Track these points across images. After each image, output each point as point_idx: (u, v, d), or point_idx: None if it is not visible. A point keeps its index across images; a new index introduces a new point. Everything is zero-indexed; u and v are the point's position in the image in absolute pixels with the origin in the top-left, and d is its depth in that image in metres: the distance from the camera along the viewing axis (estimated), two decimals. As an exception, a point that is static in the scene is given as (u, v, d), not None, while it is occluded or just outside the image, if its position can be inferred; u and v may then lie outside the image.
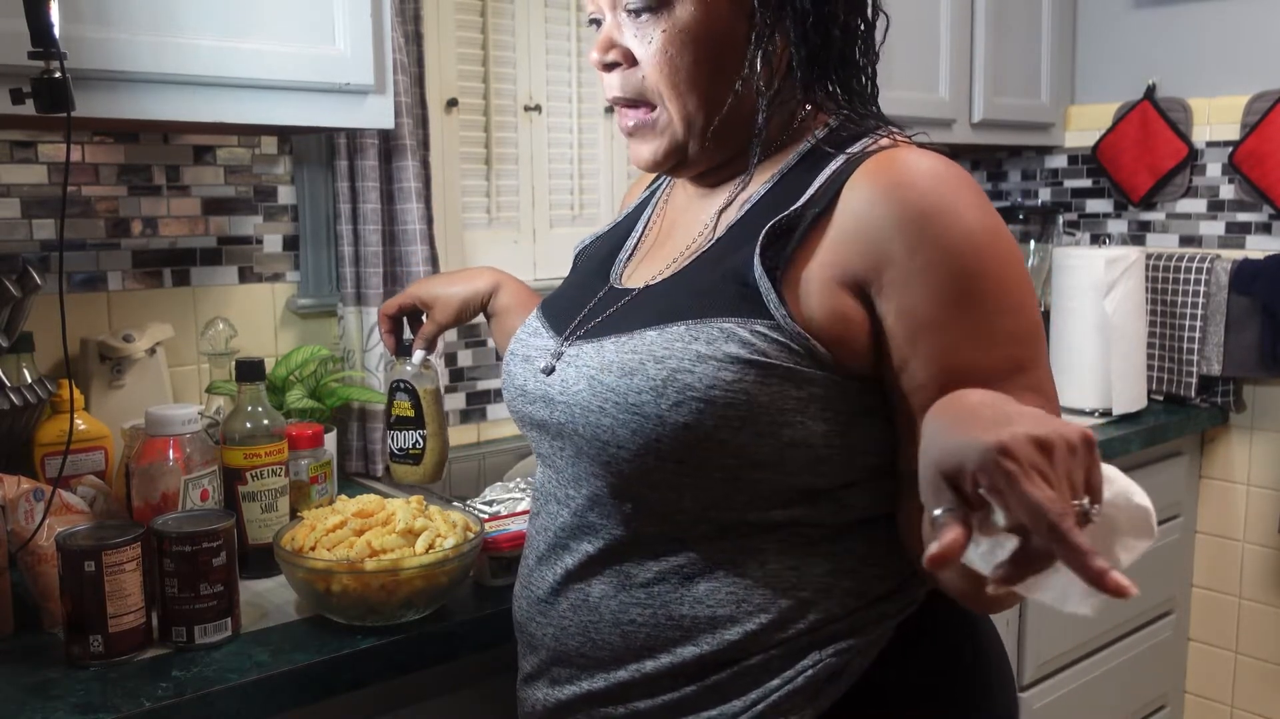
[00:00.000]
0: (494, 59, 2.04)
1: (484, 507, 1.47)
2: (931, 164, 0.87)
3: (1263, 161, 2.27)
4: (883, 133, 0.93)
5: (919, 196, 0.85)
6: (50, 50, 1.06)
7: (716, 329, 0.87)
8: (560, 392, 0.95)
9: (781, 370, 0.85)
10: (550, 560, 0.98)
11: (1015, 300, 0.86)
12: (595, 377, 0.91)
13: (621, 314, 0.96)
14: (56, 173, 1.54)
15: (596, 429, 0.90)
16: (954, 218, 0.84)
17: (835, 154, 0.91)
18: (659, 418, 0.86)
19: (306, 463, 1.39)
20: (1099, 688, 2.19)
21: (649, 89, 0.94)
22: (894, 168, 0.87)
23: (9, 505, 1.17)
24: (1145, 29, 2.48)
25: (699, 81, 0.92)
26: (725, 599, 0.90)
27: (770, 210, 0.91)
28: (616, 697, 0.94)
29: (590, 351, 0.94)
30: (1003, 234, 0.87)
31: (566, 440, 0.95)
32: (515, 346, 1.05)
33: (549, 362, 0.98)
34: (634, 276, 1.03)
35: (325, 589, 1.13)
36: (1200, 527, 2.46)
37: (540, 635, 0.99)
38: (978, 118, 2.35)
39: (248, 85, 1.34)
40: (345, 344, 1.78)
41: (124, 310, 1.62)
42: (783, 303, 0.86)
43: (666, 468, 0.88)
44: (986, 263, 0.85)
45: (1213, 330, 2.31)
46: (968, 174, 0.89)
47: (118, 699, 1.00)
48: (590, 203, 2.21)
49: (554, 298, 1.08)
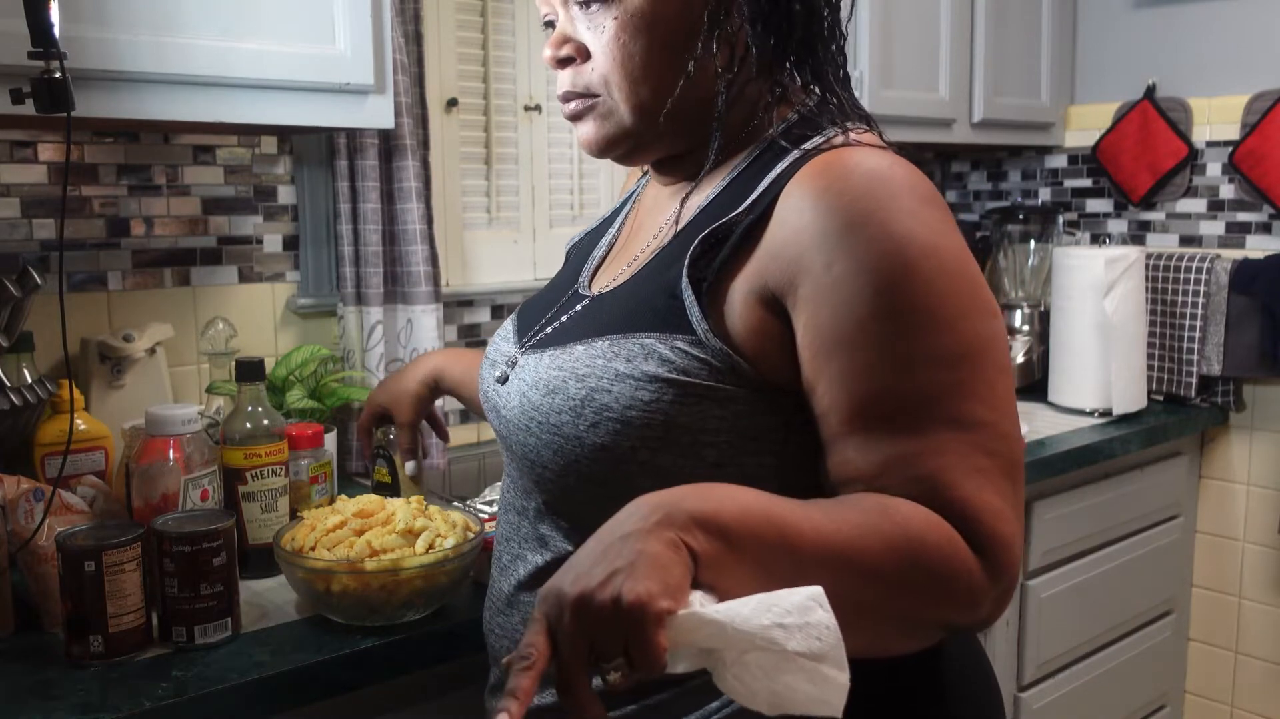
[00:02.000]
0: (494, 59, 2.04)
1: (484, 507, 1.47)
2: (872, 166, 0.81)
3: (1263, 161, 2.27)
4: (839, 129, 0.87)
5: (847, 203, 0.79)
6: (50, 50, 1.06)
7: (637, 345, 0.84)
8: (504, 405, 0.94)
9: (701, 389, 0.82)
10: (508, 571, 0.97)
11: (943, 317, 0.77)
12: (525, 393, 0.90)
13: (568, 324, 0.95)
14: (56, 173, 1.54)
15: (524, 448, 0.90)
16: (880, 226, 0.78)
17: (788, 151, 0.86)
18: (577, 438, 0.84)
19: (306, 463, 1.39)
20: (1099, 688, 2.19)
21: (598, 81, 0.91)
22: (829, 171, 0.81)
23: (9, 505, 1.17)
24: (1145, 29, 2.48)
25: (653, 67, 0.88)
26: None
27: (718, 213, 0.87)
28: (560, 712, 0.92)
29: (530, 365, 0.92)
30: (941, 244, 0.79)
31: (511, 453, 0.95)
32: (488, 350, 1.04)
33: (504, 370, 0.97)
34: (598, 280, 1.00)
35: (325, 589, 1.13)
36: (1200, 526, 2.46)
37: (498, 646, 0.98)
38: (978, 118, 2.35)
39: (248, 85, 1.34)
40: (345, 344, 1.78)
41: (124, 310, 1.62)
42: (706, 317, 0.83)
43: (590, 488, 0.85)
44: (910, 275, 0.77)
45: (1213, 330, 2.31)
46: (917, 178, 0.83)
47: (118, 699, 1.00)
48: (590, 203, 2.21)
49: (532, 299, 1.07)
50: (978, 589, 0.76)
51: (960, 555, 0.75)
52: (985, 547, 0.76)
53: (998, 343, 0.81)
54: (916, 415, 0.77)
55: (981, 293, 0.81)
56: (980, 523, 0.76)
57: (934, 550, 0.74)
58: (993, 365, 0.79)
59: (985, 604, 0.77)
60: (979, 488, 0.77)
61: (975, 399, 0.78)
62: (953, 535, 0.75)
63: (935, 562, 0.74)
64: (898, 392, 0.77)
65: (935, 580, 0.75)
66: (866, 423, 0.78)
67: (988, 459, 0.77)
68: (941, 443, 0.77)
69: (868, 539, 0.73)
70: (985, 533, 0.76)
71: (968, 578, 0.75)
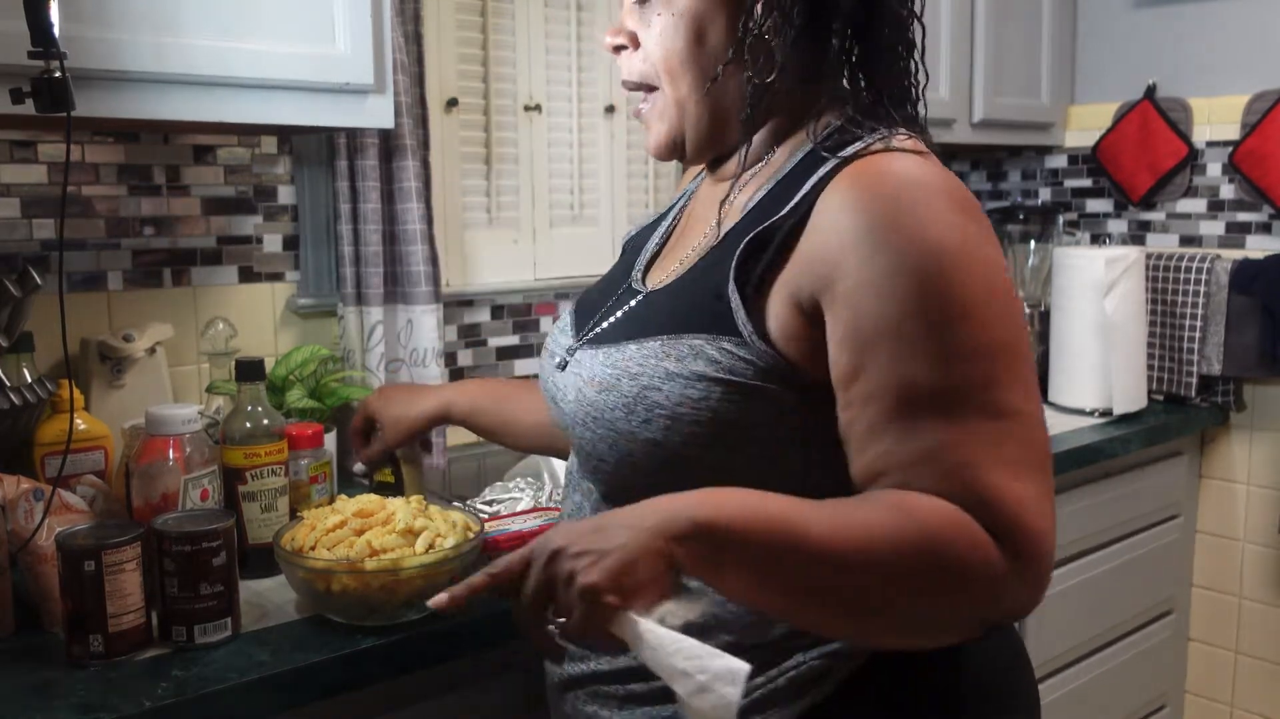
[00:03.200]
0: (494, 59, 2.04)
1: (484, 507, 1.47)
2: (908, 171, 0.84)
3: (1263, 161, 2.27)
4: (881, 134, 0.89)
5: (880, 206, 0.82)
6: (50, 50, 1.06)
7: (686, 346, 0.88)
8: (562, 397, 0.99)
9: (748, 388, 0.85)
10: None
11: (977, 313, 0.81)
12: (581, 389, 0.94)
13: (622, 320, 0.99)
14: (56, 173, 1.54)
15: (581, 441, 0.94)
16: (916, 227, 0.81)
17: (829, 158, 0.88)
18: (630, 434, 0.88)
19: (306, 463, 1.39)
20: (1099, 688, 2.19)
21: (649, 73, 0.97)
22: (864, 177, 0.84)
23: (9, 505, 1.17)
24: (1145, 29, 2.48)
25: (690, 64, 0.94)
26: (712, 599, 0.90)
27: (761, 217, 0.90)
28: (618, 678, 0.97)
29: (586, 361, 0.96)
30: (974, 245, 0.82)
31: (574, 440, 0.98)
32: (547, 342, 1.09)
33: (563, 358, 1.01)
34: (651, 276, 1.05)
35: (325, 589, 1.13)
36: (1200, 526, 2.46)
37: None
38: (978, 118, 2.35)
39: (248, 85, 1.34)
40: (345, 344, 1.78)
41: (124, 310, 1.62)
42: (750, 319, 0.86)
43: (645, 481, 0.88)
44: (946, 274, 0.80)
45: (1213, 330, 2.31)
46: (953, 182, 0.86)
47: (118, 699, 1.00)
48: (590, 203, 2.22)
49: (588, 292, 1.11)
50: (1000, 582, 0.78)
51: (980, 550, 0.77)
52: (1011, 536, 0.78)
53: (1025, 337, 0.84)
54: (953, 406, 0.80)
55: (1010, 290, 0.84)
56: (1006, 512, 0.78)
57: (950, 547, 0.77)
58: (1023, 358, 0.83)
59: (1009, 596, 0.79)
60: (1012, 477, 0.79)
61: (1008, 390, 0.81)
62: (973, 530, 0.77)
63: (951, 558, 0.77)
64: (935, 384, 0.80)
65: (952, 577, 0.77)
66: (906, 414, 0.80)
67: (1019, 449, 0.80)
68: (976, 432, 0.80)
69: (880, 540, 0.77)
70: (1011, 522, 0.78)
71: (987, 571, 0.77)
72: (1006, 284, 0.84)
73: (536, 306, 2.11)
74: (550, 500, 1.48)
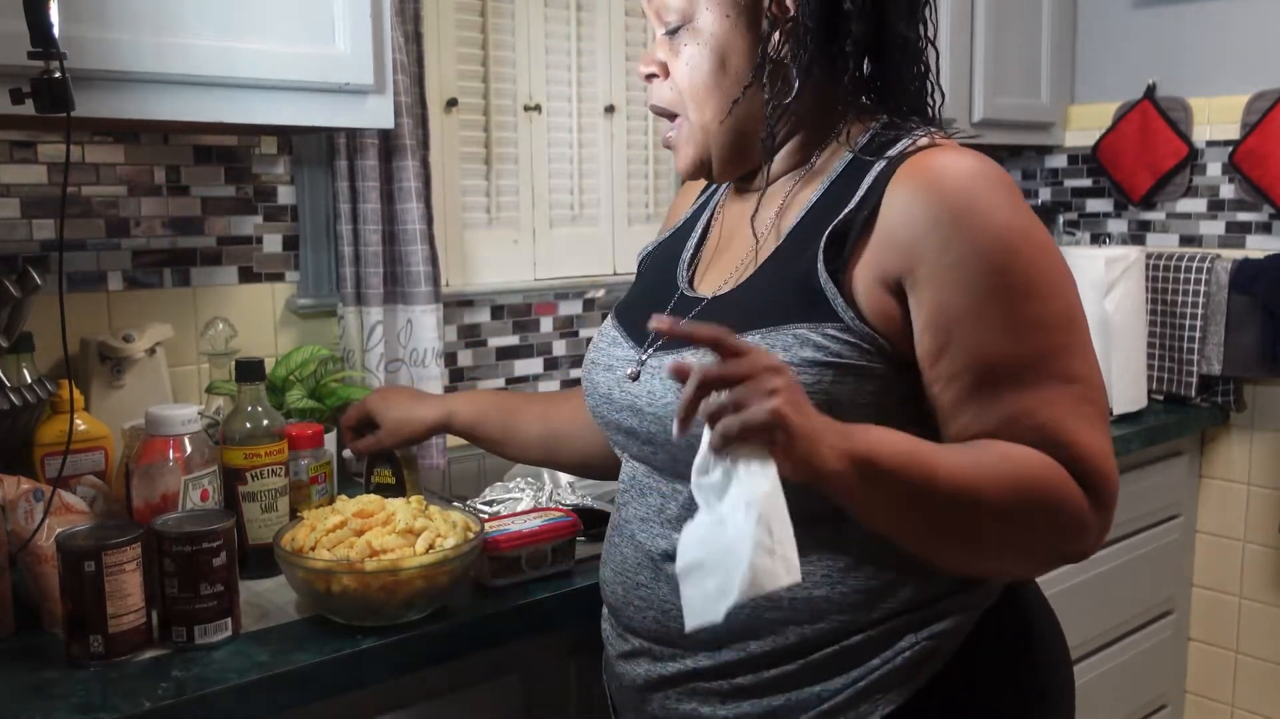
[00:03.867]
0: (494, 59, 2.04)
1: (484, 507, 1.47)
2: (966, 163, 0.93)
3: (1263, 161, 2.27)
4: (920, 133, 0.98)
5: (951, 196, 0.90)
6: (50, 50, 1.06)
7: (791, 336, 0.93)
8: (648, 403, 1.01)
9: (855, 369, 0.92)
10: (648, 547, 1.03)
11: (1045, 290, 0.91)
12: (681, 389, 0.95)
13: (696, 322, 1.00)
14: (56, 173, 1.54)
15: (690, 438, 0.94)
16: (985, 215, 0.90)
17: (876, 159, 0.97)
18: None
19: (306, 463, 1.39)
20: (1099, 688, 2.19)
21: (676, 100, 1.04)
22: (930, 169, 0.92)
23: (9, 506, 1.16)
24: (1145, 29, 2.48)
25: (714, 90, 1.01)
26: (821, 581, 0.96)
27: (824, 215, 0.97)
28: (721, 673, 0.99)
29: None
30: (1034, 229, 0.92)
31: (659, 447, 1.01)
32: (595, 356, 1.11)
33: (635, 368, 1.04)
34: (703, 283, 1.09)
35: (325, 589, 1.13)
36: (1200, 526, 2.46)
37: (640, 619, 1.04)
38: (978, 118, 2.35)
39: (248, 85, 1.34)
40: (345, 344, 1.78)
41: (124, 310, 1.62)
42: (849, 305, 0.93)
43: None
44: (1016, 256, 0.90)
45: (1213, 330, 2.31)
46: (1003, 173, 0.94)
47: (118, 699, 1.00)
48: (590, 203, 2.22)
49: (627, 306, 1.14)
50: (1087, 520, 0.91)
51: (1072, 492, 0.89)
52: (1093, 483, 0.90)
53: (1082, 309, 0.95)
54: (1032, 374, 0.90)
55: (1067, 268, 0.94)
56: (1089, 462, 0.90)
57: (1049, 488, 0.88)
58: (1084, 328, 0.94)
59: (1093, 533, 0.92)
60: (1087, 432, 0.91)
61: (1076, 357, 0.92)
62: (1065, 475, 0.89)
63: (1051, 498, 0.89)
64: (1016, 355, 0.90)
65: (1051, 513, 0.89)
66: (991, 384, 0.90)
67: (1090, 407, 0.92)
68: (1053, 396, 0.90)
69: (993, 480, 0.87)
70: (1093, 470, 0.90)
71: (1078, 510, 0.90)
72: (1063, 262, 0.94)
73: (536, 307, 2.11)
74: (550, 501, 1.49)
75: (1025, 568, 0.99)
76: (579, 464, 1.39)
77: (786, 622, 0.96)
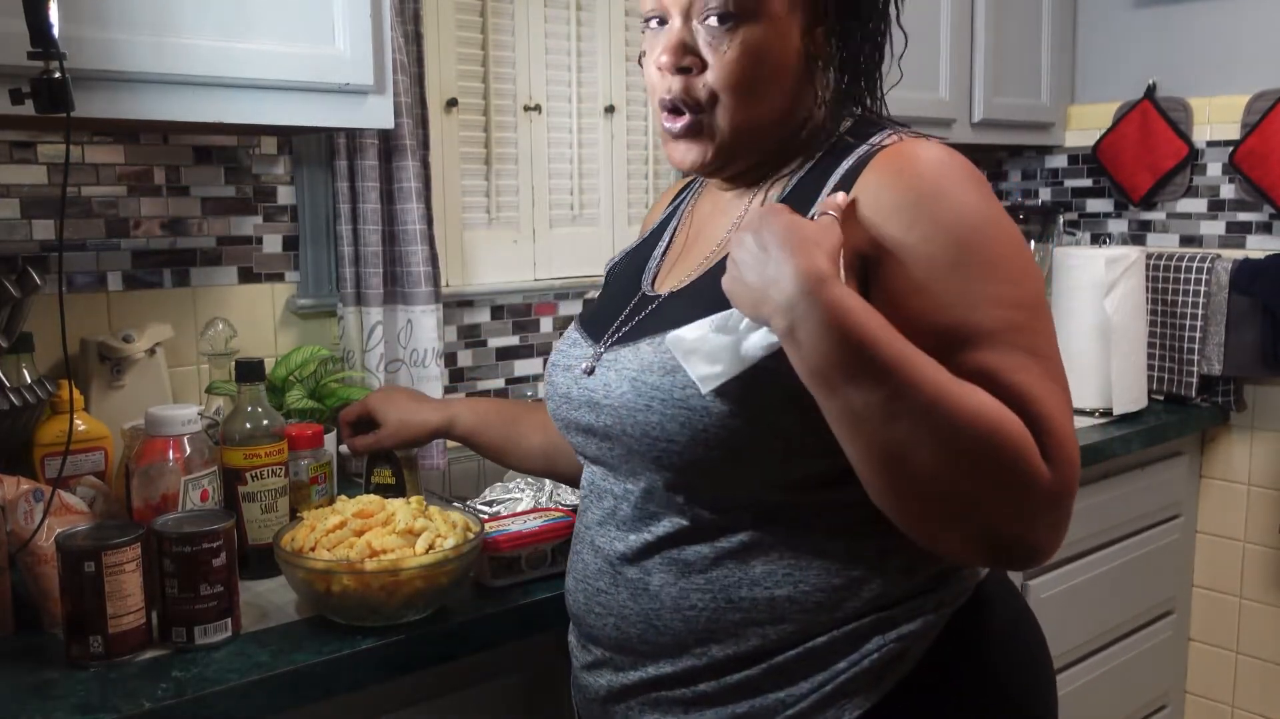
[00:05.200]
0: (494, 59, 2.04)
1: (484, 507, 1.47)
2: (937, 153, 0.93)
3: (1263, 161, 2.26)
4: (890, 130, 0.99)
5: (920, 179, 0.90)
6: (50, 50, 1.06)
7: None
8: (604, 396, 0.99)
9: None
10: (606, 552, 1.02)
11: (1011, 274, 0.88)
12: (637, 378, 0.95)
13: (654, 317, 1.01)
14: (56, 173, 1.54)
15: (645, 427, 0.94)
16: (952, 199, 0.89)
17: (855, 145, 0.97)
18: (705, 409, 0.90)
19: (306, 463, 1.39)
20: (1099, 688, 2.19)
21: (708, 96, 0.98)
22: (900, 157, 0.93)
23: (9, 506, 1.16)
24: (1145, 29, 2.48)
25: (757, 94, 0.98)
26: (783, 580, 0.94)
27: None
28: (683, 680, 0.97)
29: (628, 355, 0.98)
30: (1002, 218, 0.91)
31: (615, 441, 0.98)
32: (556, 358, 1.10)
33: (590, 363, 1.02)
34: (664, 283, 1.07)
35: (325, 590, 1.13)
36: (1201, 527, 2.46)
37: (600, 626, 1.02)
38: (978, 118, 2.35)
39: (248, 85, 1.34)
40: (345, 344, 1.78)
41: (124, 310, 1.61)
42: None
43: (715, 456, 0.91)
44: (981, 239, 0.89)
45: (1213, 330, 2.31)
46: (972, 166, 0.94)
47: (118, 699, 1.00)
48: (590, 203, 2.21)
49: (590, 311, 1.13)
50: (1041, 497, 0.83)
51: (1038, 458, 0.82)
52: (1058, 461, 0.83)
53: (1047, 303, 0.92)
54: (996, 340, 0.86)
55: (1035, 264, 0.92)
56: (1055, 438, 0.84)
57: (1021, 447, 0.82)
58: (1048, 318, 0.91)
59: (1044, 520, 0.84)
60: (1057, 409, 0.86)
61: (1041, 337, 0.88)
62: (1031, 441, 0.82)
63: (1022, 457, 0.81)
64: (978, 322, 0.86)
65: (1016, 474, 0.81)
66: (950, 346, 0.85)
67: (1059, 387, 0.88)
68: (1021, 363, 0.86)
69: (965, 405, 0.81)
70: (1057, 449, 0.84)
71: (1036, 478, 0.82)
72: (1031, 257, 0.92)
73: (536, 307, 2.11)
74: (551, 501, 1.49)
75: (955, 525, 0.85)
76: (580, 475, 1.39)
77: (748, 623, 0.94)
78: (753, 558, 0.94)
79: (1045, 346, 0.89)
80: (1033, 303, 0.89)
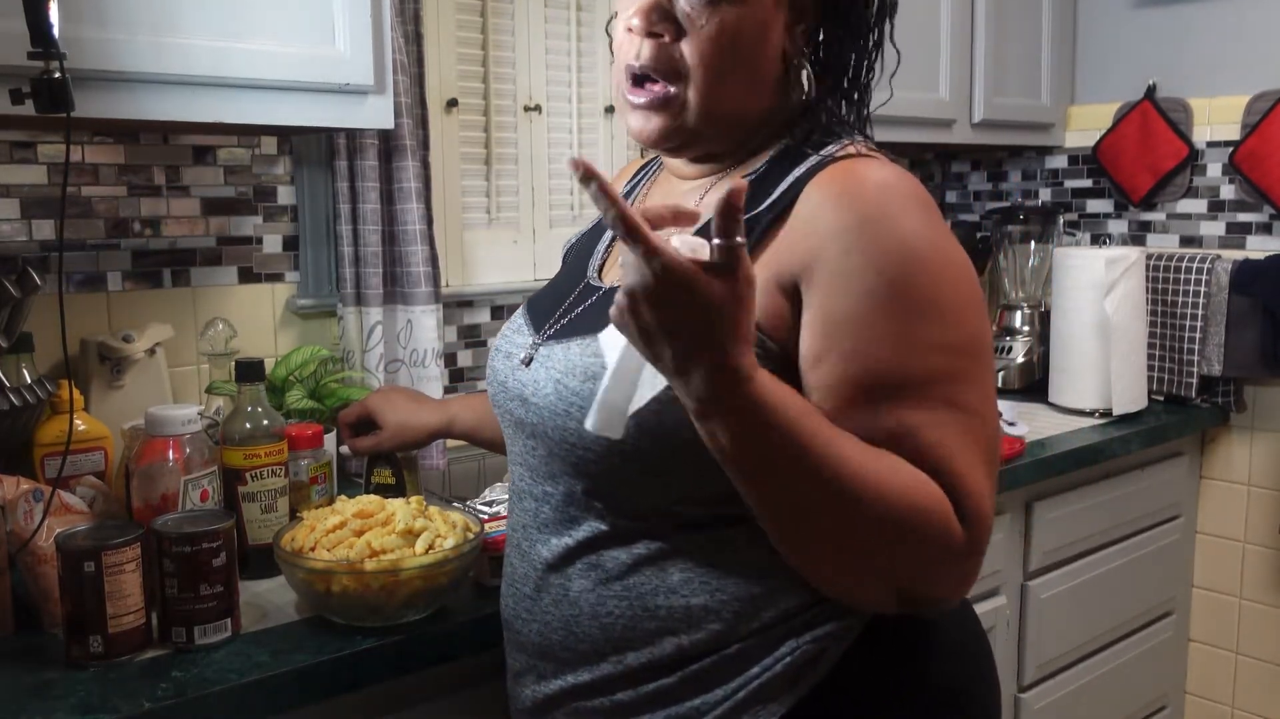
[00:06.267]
0: (494, 59, 2.04)
1: (484, 507, 1.47)
2: (885, 174, 0.89)
3: (1263, 161, 2.26)
4: (848, 140, 0.95)
5: (862, 202, 0.86)
6: (50, 50, 1.06)
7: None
8: (533, 393, 0.97)
9: None
10: (530, 556, 1.00)
11: (946, 313, 0.85)
12: (560, 380, 0.94)
13: (589, 313, 0.99)
14: (56, 173, 1.54)
15: (564, 432, 0.93)
16: (892, 226, 0.85)
17: (808, 154, 0.93)
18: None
19: (306, 463, 1.39)
20: (1099, 688, 2.19)
21: (680, 67, 0.94)
22: (846, 177, 0.89)
23: (8, 506, 1.16)
24: (1145, 29, 2.48)
25: (731, 77, 0.94)
26: (699, 588, 0.92)
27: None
28: (600, 689, 0.96)
29: (558, 354, 0.96)
30: (946, 249, 0.87)
31: (539, 441, 0.97)
32: (500, 343, 1.08)
33: (529, 353, 1.01)
34: (609, 271, 1.05)
35: (325, 590, 1.13)
36: (1201, 527, 2.46)
37: (525, 632, 1.01)
38: (978, 118, 2.35)
39: (247, 85, 1.34)
40: (345, 344, 1.78)
41: (124, 310, 1.61)
42: None
43: (632, 467, 0.90)
44: (920, 273, 0.85)
45: (1213, 330, 2.31)
46: (923, 190, 0.90)
47: (118, 700, 1.00)
48: (590, 203, 2.21)
49: (538, 295, 1.11)
50: (955, 557, 0.84)
51: (953, 521, 0.83)
52: (972, 524, 0.83)
53: (989, 343, 0.89)
54: (919, 392, 0.84)
55: (978, 296, 0.89)
56: (970, 500, 0.83)
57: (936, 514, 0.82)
58: (985, 362, 0.88)
59: (954, 576, 0.86)
60: (976, 468, 0.84)
61: (971, 388, 0.86)
62: (947, 506, 0.83)
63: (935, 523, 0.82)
64: (904, 370, 0.84)
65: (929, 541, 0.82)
66: (871, 395, 0.84)
67: (979, 444, 0.85)
68: (942, 419, 0.84)
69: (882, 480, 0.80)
70: (973, 509, 0.83)
71: (952, 545, 0.83)
72: (975, 289, 0.88)
73: (536, 307, 2.11)
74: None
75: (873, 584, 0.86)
76: None
77: (663, 632, 0.92)
78: (670, 565, 0.92)
79: (974, 398, 0.85)
80: (968, 346, 0.86)
